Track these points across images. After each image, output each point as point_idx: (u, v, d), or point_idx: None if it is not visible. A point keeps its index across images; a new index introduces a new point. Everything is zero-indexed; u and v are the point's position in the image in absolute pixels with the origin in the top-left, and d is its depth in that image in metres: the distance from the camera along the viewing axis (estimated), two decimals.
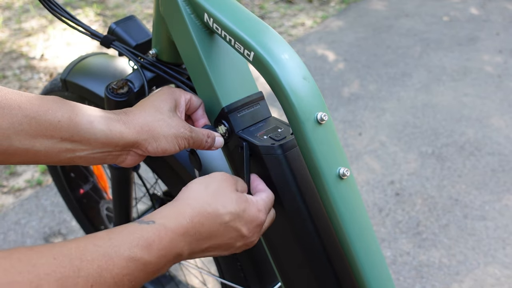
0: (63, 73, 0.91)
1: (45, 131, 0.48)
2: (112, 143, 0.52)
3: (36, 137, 0.48)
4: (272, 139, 0.57)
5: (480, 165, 1.93)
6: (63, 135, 0.49)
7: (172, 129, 0.55)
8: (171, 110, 0.57)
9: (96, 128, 0.51)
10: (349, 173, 0.55)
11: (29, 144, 0.48)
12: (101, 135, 0.51)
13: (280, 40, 0.53)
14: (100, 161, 0.54)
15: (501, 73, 2.63)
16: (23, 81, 2.44)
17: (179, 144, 0.56)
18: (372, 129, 2.17)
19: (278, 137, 0.58)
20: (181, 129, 0.56)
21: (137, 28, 0.74)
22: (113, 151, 0.54)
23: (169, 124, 0.55)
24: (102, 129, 0.51)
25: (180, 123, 0.56)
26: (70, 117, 0.50)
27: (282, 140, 0.57)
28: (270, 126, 0.61)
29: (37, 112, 0.48)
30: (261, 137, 0.58)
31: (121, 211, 1.06)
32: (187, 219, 0.47)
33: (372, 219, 1.68)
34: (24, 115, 0.47)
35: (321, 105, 0.53)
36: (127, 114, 0.54)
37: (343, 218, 0.56)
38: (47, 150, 0.49)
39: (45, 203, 1.70)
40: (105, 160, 0.55)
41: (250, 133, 0.59)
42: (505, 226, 1.65)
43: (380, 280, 0.62)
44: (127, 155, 0.56)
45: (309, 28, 3.20)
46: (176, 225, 0.46)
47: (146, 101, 0.57)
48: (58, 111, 0.49)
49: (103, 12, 3.22)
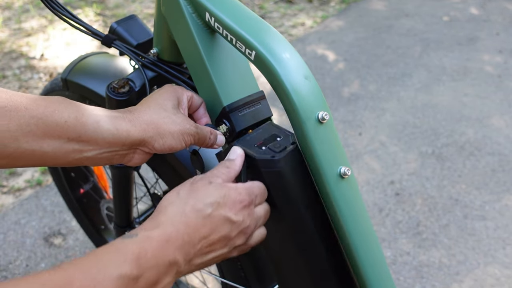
0: (63, 73, 0.91)
1: (52, 131, 0.48)
2: (119, 142, 0.52)
3: (43, 138, 0.48)
4: (272, 151, 0.53)
5: (480, 165, 1.93)
6: (70, 135, 0.49)
7: (178, 125, 0.55)
8: (174, 107, 0.57)
9: (103, 128, 0.51)
10: (350, 172, 0.55)
11: (36, 145, 0.48)
12: (108, 134, 0.51)
13: (281, 39, 0.53)
14: (107, 161, 0.54)
15: (501, 73, 2.63)
16: (23, 81, 2.44)
17: (185, 140, 0.56)
18: (372, 129, 2.17)
19: (278, 147, 0.54)
20: (186, 125, 0.56)
21: (138, 28, 0.74)
22: (120, 150, 0.54)
23: (175, 121, 0.55)
24: (108, 129, 0.51)
25: (185, 119, 0.56)
26: (77, 117, 0.50)
27: (282, 151, 0.53)
28: (268, 134, 0.57)
29: (43, 113, 0.48)
30: (259, 147, 0.54)
31: (122, 211, 1.06)
32: (168, 224, 0.46)
33: (372, 219, 1.68)
34: (31, 116, 0.47)
35: (323, 105, 0.53)
36: (132, 113, 0.54)
37: (344, 217, 0.56)
38: (55, 151, 0.49)
39: (45, 203, 1.70)
40: (112, 160, 0.55)
41: (247, 143, 0.55)
42: (505, 226, 1.65)
43: (380, 280, 0.62)
44: (134, 154, 0.56)
45: (309, 28, 3.20)
46: (158, 233, 0.44)
47: (149, 99, 0.57)
48: (64, 112, 0.49)
49: (103, 12, 3.22)
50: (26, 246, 1.54)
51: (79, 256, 1.50)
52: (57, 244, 1.55)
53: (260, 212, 0.54)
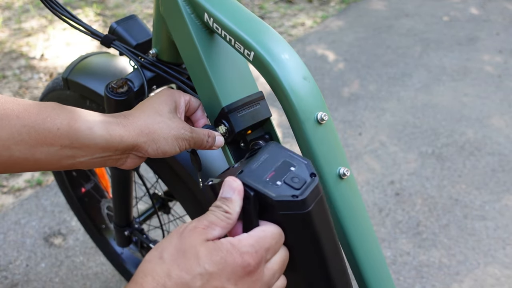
0: (64, 72, 0.91)
1: (45, 139, 0.48)
2: (112, 147, 0.52)
3: (36, 146, 0.47)
4: (291, 187, 0.43)
5: (480, 165, 1.93)
6: (63, 143, 0.49)
7: (172, 130, 0.55)
8: (171, 112, 0.56)
9: (96, 133, 0.50)
10: (349, 173, 0.55)
11: (29, 153, 0.47)
12: (101, 140, 0.51)
13: (280, 40, 0.53)
14: (100, 165, 0.54)
15: (501, 73, 2.63)
16: (23, 81, 2.44)
17: (180, 145, 0.56)
18: (372, 129, 2.17)
19: (297, 182, 0.43)
20: (181, 130, 0.55)
21: (137, 28, 0.74)
22: (113, 155, 0.53)
23: (169, 126, 0.55)
24: (102, 134, 0.51)
25: (180, 124, 0.56)
26: (69, 124, 0.49)
27: (303, 187, 0.43)
28: (278, 160, 0.46)
29: (35, 121, 0.47)
30: (273, 182, 0.43)
31: (121, 211, 1.06)
32: None
33: (372, 219, 1.68)
34: (22, 124, 0.46)
35: (321, 105, 0.53)
36: (126, 117, 0.54)
37: (343, 218, 0.56)
38: (48, 158, 0.49)
39: (45, 203, 1.70)
40: (105, 163, 0.54)
41: (256, 176, 0.44)
42: (505, 226, 1.65)
43: (380, 280, 0.62)
44: (127, 158, 0.55)
45: (309, 28, 3.20)
46: None
47: (145, 103, 0.57)
48: (57, 118, 0.48)
49: (103, 12, 3.22)
50: (26, 246, 1.54)
51: (79, 256, 1.51)
52: (57, 244, 1.55)
53: (274, 265, 0.43)
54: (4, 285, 1.41)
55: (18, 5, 3.31)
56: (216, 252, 0.39)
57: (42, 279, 1.44)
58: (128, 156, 0.55)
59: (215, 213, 0.42)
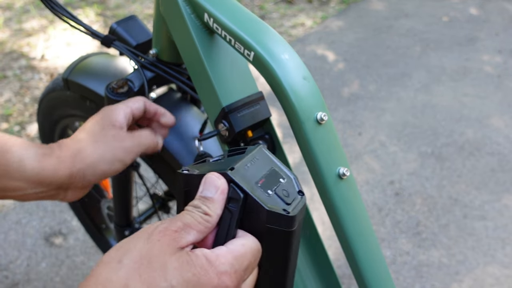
0: (64, 72, 0.91)
1: None
2: (45, 182, 0.48)
3: None
4: (282, 200, 0.40)
5: (480, 165, 1.94)
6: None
7: (108, 147, 0.52)
8: (104, 129, 0.53)
9: (26, 167, 0.47)
10: (349, 173, 0.55)
11: None
12: (32, 174, 0.47)
13: (280, 40, 0.53)
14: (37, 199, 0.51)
15: (501, 73, 2.63)
16: (24, 81, 2.45)
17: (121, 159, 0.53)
18: (372, 129, 2.17)
19: (288, 197, 0.40)
20: (117, 144, 0.52)
21: (138, 28, 0.75)
22: (48, 191, 0.50)
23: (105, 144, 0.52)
24: (33, 168, 0.47)
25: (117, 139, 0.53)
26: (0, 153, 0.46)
27: (293, 203, 0.40)
28: (266, 168, 0.42)
29: None
30: (263, 189, 0.39)
31: (121, 211, 1.06)
32: None
33: (371, 219, 1.68)
34: None
35: (321, 105, 0.53)
36: (60, 147, 0.51)
37: (343, 218, 0.57)
38: None
39: (45, 203, 1.70)
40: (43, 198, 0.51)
41: (245, 177, 0.39)
42: (505, 226, 1.65)
43: (380, 280, 0.62)
44: (66, 192, 0.52)
45: (309, 29, 3.21)
46: None
47: (81, 127, 0.55)
48: None
49: (103, 12, 3.22)
50: (26, 246, 1.54)
51: (79, 255, 1.51)
52: (58, 243, 1.55)
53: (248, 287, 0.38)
54: (5, 285, 1.41)
55: (19, 5, 3.31)
56: (188, 267, 0.32)
57: (42, 279, 1.44)
58: (67, 190, 0.52)
59: (192, 214, 0.35)
